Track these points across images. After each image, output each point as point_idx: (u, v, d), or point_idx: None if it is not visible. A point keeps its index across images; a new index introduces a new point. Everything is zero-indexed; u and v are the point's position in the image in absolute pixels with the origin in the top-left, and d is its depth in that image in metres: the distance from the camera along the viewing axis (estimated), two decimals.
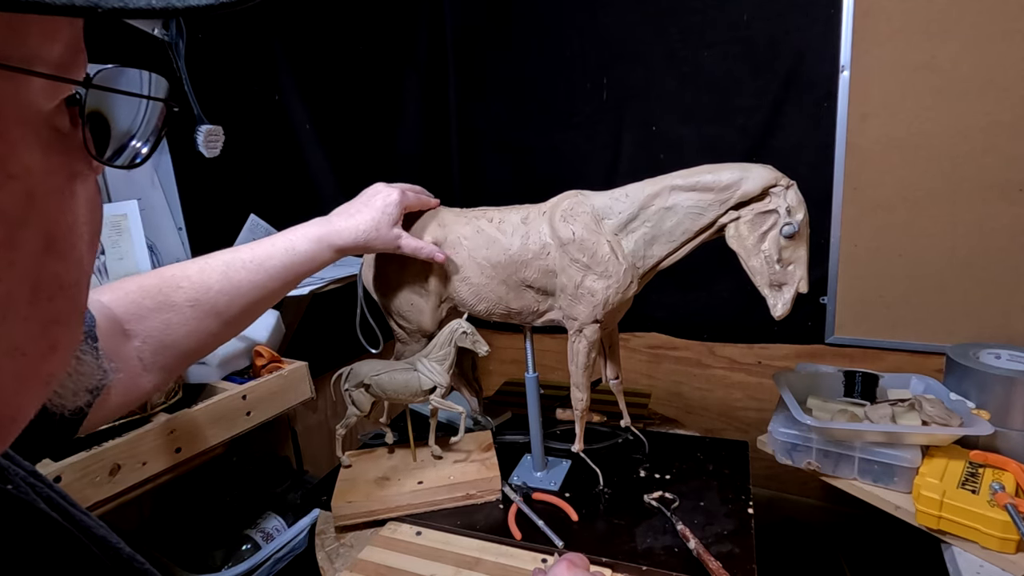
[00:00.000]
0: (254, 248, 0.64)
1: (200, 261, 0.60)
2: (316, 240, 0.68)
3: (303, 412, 1.48)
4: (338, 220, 0.73)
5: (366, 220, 0.73)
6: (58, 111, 0.21)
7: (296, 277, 0.66)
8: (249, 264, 0.61)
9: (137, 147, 0.26)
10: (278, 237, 0.67)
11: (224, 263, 0.60)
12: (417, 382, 0.87)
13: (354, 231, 0.72)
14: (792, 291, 0.72)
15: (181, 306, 0.55)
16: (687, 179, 0.74)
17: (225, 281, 0.59)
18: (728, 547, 0.74)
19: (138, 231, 1.14)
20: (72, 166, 0.22)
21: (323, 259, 0.69)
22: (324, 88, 1.58)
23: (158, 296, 0.54)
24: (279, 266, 0.63)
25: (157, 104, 0.26)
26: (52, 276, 0.21)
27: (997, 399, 0.94)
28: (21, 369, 0.20)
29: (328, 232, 0.70)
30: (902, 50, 1.25)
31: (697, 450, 0.99)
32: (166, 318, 0.54)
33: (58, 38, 0.20)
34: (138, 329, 0.52)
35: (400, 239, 0.76)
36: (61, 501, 0.32)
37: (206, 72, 1.22)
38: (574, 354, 0.84)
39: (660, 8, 1.49)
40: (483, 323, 0.91)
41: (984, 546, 0.75)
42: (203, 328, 0.57)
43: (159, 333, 0.53)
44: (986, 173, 1.23)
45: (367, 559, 0.79)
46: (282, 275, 0.64)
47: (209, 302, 0.57)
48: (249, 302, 0.61)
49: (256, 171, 1.46)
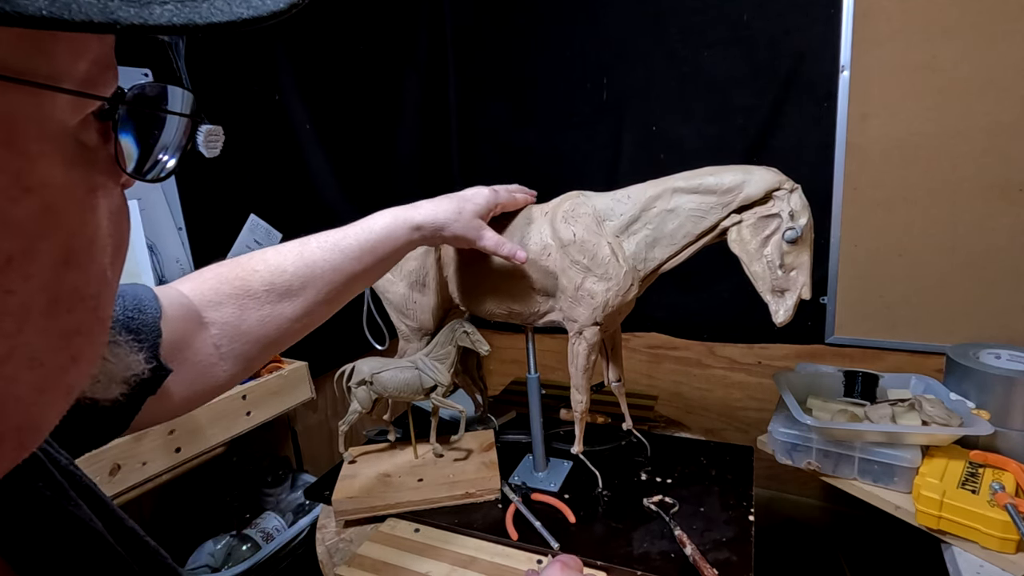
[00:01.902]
0: (333, 231, 0.62)
1: (279, 246, 0.59)
2: (393, 216, 0.66)
3: (303, 412, 1.48)
4: (422, 203, 0.70)
5: (451, 204, 0.70)
6: (84, 125, 0.21)
7: (376, 258, 0.63)
8: (324, 243, 0.59)
9: (164, 160, 0.26)
10: (355, 223, 0.64)
11: (300, 243, 0.59)
12: (418, 380, 0.87)
13: (434, 209, 0.68)
14: (794, 297, 0.71)
15: (257, 290, 0.54)
16: (689, 181, 0.74)
17: (300, 262, 0.57)
18: (726, 554, 0.74)
19: (138, 231, 1.14)
20: (94, 179, 0.22)
21: (400, 236, 0.65)
22: (324, 88, 1.58)
23: (235, 281, 0.54)
24: (355, 245, 0.61)
25: (185, 119, 0.27)
26: (71, 288, 0.21)
27: (997, 399, 0.94)
28: (40, 380, 0.21)
29: (407, 210, 0.67)
30: (902, 50, 1.25)
31: (700, 454, 0.99)
32: (242, 303, 0.53)
33: (85, 54, 0.20)
34: (214, 317, 0.52)
35: (482, 230, 0.73)
36: (98, 491, 0.32)
37: (206, 72, 1.22)
38: (574, 356, 0.84)
39: (660, 8, 1.49)
40: (484, 323, 0.92)
41: (984, 546, 0.76)
42: (279, 312, 0.55)
43: (234, 319, 0.53)
44: (986, 173, 1.23)
45: (365, 554, 0.79)
46: (358, 254, 0.61)
47: (284, 284, 0.55)
48: (327, 285, 0.58)
49: (256, 171, 1.46)
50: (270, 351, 0.57)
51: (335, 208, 1.73)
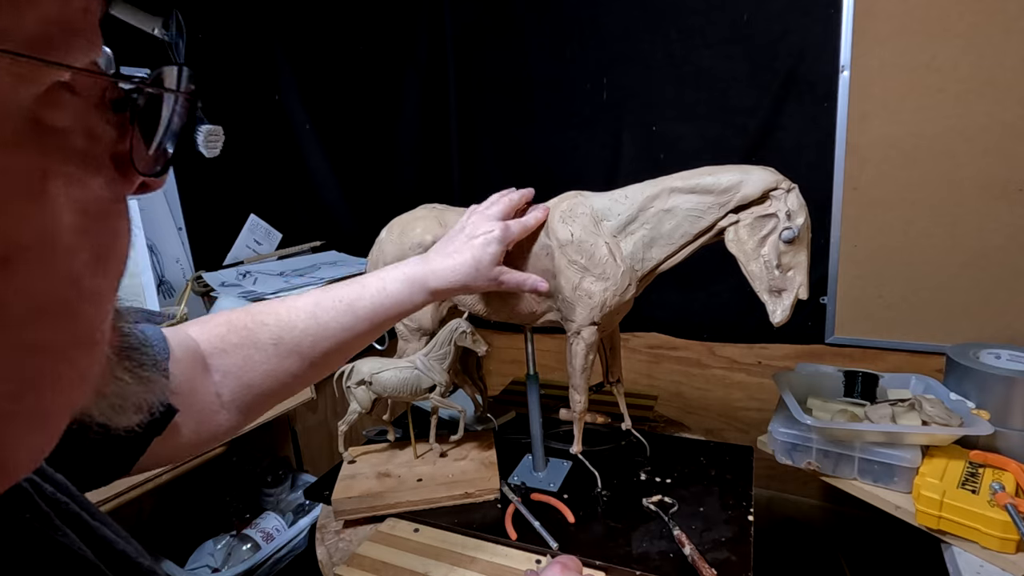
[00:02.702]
0: (346, 287, 0.60)
1: (291, 299, 0.57)
2: (410, 281, 0.63)
3: (303, 412, 1.48)
4: (436, 259, 0.67)
5: (466, 261, 0.67)
6: (46, 102, 0.18)
7: (387, 320, 0.61)
8: (338, 304, 0.58)
9: (166, 150, 0.24)
10: (371, 277, 0.62)
11: (313, 302, 0.57)
12: (417, 380, 0.88)
13: (451, 272, 0.66)
14: (791, 297, 0.70)
15: (264, 343, 0.53)
16: (687, 181, 0.74)
17: (311, 321, 0.56)
18: (725, 554, 0.74)
19: (138, 231, 1.14)
20: (46, 165, 0.18)
21: (417, 301, 0.64)
22: (324, 88, 1.58)
23: (243, 331, 0.53)
24: (368, 307, 0.59)
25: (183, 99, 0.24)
26: (21, 297, 0.18)
27: (997, 399, 0.94)
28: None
29: (424, 273, 0.64)
30: (902, 50, 1.25)
31: (700, 454, 0.98)
32: (247, 354, 0.52)
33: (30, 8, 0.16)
34: (219, 363, 0.51)
35: (501, 275, 0.70)
36: (86, 517, 0.31)
37: (206, 72, 1.22)
38: (572, 356, 0.84)
39: (660, 8, 1.49)
40: (483, 323, 0.92)
41: (984, 546, 0.75)
42: (284, 368, 0.54)
43: (238, 369, 0.52)
44: (986, 173, 1.23)
45: (364, 554, 0.79)
46: (370, 317, 0.59)
47: (293, 341, 0.54)
48: (335, 344, 0.57)
49: (256, 171, 1.46)
50: (270, 403, 0.56)
51: (335, 208, 1.73)
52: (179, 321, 1.06)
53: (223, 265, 1.47)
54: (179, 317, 1.05)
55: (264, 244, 1.57)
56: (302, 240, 1.65)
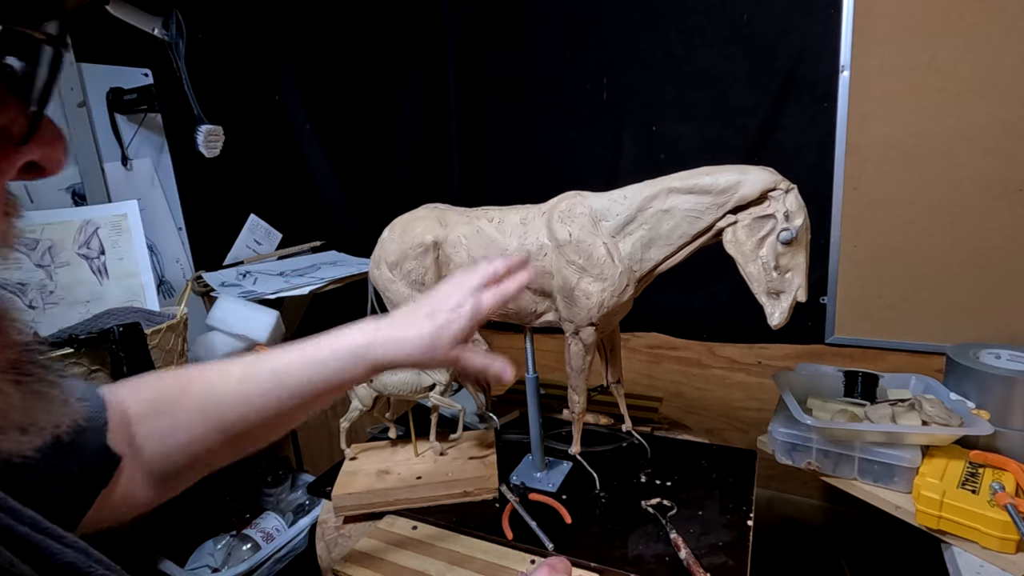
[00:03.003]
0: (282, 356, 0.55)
1: (223, 365, 0.53)
2: (351, 355, 0.56)
3: None
4: (390, 328, 0.58)
5: (422, 337, 0.57)
6: None
7: (319, 394, 0.55)
8: (269, 376, 0.53)
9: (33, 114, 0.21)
10: (312, 346, 0.56)
11: (243, 370, 0.53)
12: (417, 378, 0.88)
13: (401, 346, 0.57)
14: (790, 299, 0.70)
15: (190, 410, 0.50)
16: (685, 181, 0.74)
17: (239, 391, 0.51)
18: (722, 559, 0.73)
19: (138, 231, 1.14)
20: None
21: (356, 376, 0.57)
22: (324, 88, 1.58)
23: (169, 396, 0.50)
24: (300, 382, 0.53)
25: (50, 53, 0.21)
26: None
27: (997, 399, 0.94)
28: None
29: (371, 344, 0.56)
30: (902, 50, 1.25)
31: (702, 457, 0.98)
32: (169, 422, 0.49)
33: None
34: (142, 429, 0.48)
35: (459, 360, 0.60)
36: (32, 534, 0.29)
37: (206, 72, 1.22)
38: (570, 356, 0.84)
39: (660, 8, 1.49)
40: (483, 323, 0.91)
41: (984, 546, 0.75)
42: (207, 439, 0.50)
43: (159, 436, 0.49)
44: (986, 173, 1.23)
45: (362, 551, 0.80)
46: (300, 392, 0.53)
47: (217, 413, 0.50)
48: (262, 419, 0.52)
49: (256, 171, 1.46)
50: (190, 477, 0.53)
51: (335, 208, 1.73)
52: (179, 321, 1.06)
53: (223, 265, 1.47)
54: (179, 317, 1.05)
55: (264, 244, 1.57)
56: (302, 240, 1.65)
